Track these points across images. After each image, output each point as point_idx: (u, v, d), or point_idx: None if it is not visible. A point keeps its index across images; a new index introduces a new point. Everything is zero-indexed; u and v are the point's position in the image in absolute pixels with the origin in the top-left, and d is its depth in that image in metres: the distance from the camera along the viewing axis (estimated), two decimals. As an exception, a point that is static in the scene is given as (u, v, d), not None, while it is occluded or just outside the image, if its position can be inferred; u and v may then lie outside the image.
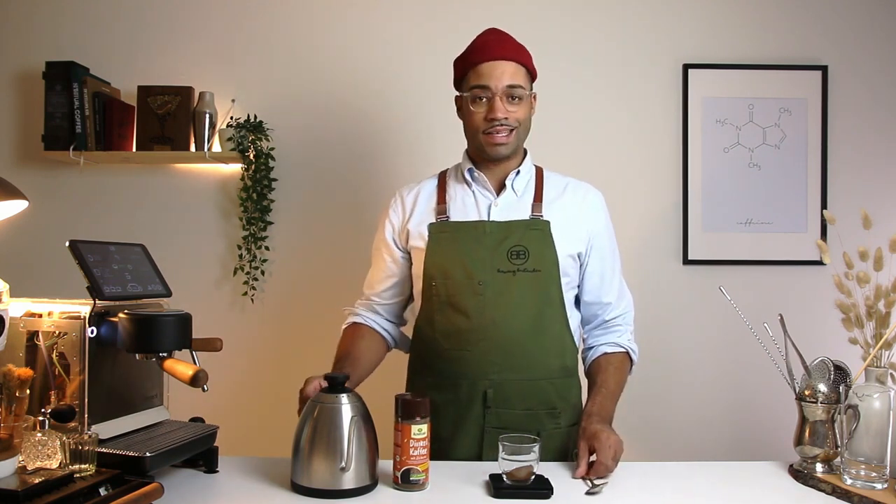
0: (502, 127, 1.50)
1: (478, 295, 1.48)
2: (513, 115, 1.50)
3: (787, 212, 2.47)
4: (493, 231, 1.51)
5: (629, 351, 1.57)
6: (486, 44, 1.52)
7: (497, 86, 1.48)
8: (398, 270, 1.62)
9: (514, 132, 1.51)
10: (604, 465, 1.30)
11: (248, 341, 2.50)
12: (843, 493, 1.23)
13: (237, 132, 2.39)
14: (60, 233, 2.44)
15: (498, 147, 1.52)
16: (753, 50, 2.48)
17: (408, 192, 1.64)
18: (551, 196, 1.57)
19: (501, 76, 1.48)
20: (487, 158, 1.56)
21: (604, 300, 1.58)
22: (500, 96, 1.48)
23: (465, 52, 1.56)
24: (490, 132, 1.50)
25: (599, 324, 1.60)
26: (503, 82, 1.48)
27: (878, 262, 1.35)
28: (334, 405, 1.21)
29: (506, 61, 1.49)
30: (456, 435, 1.50)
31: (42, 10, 2.54)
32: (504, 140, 1.51)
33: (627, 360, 1.57)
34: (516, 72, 1.50)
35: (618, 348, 1.56)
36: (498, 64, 1.49)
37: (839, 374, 1.36)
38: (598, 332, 1.60)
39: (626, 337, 1.59)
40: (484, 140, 1.52)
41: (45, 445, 1.08)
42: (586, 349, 1.61)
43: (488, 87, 1.49)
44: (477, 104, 1.51)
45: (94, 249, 1.26)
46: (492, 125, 1.50)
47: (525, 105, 1.52)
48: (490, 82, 1.48)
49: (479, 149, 1.55)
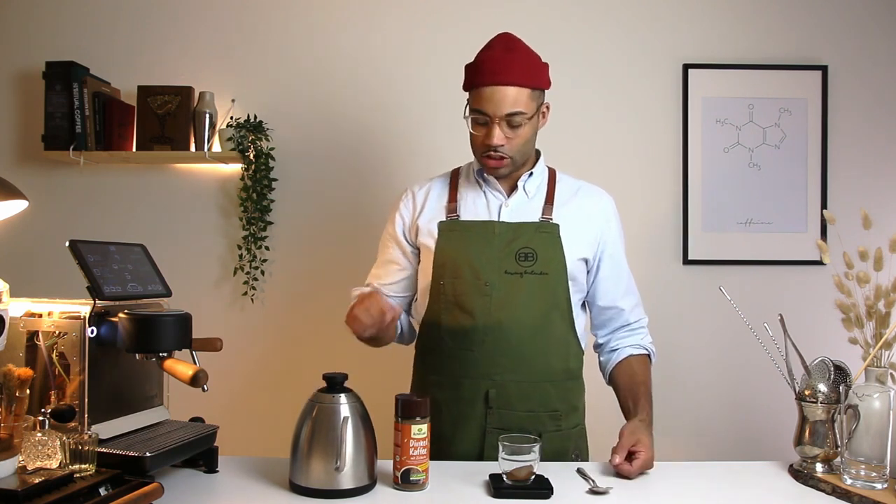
0: (497, 153, 1.48)
1: (485, 296, 1.48)
2: (511, 143, 1.48)
3: (787, 212, 2.47)
4: (503, 232, 1.51)
5: (651, 353, 1.61)
6: (492, 63, 1.47)
7: (496, 113, 1.45)
8: (407, 265, 1.62)
9: (510, 159, 1.50)
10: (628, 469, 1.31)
11: (248, 341, 2.50)
12: (843, 493, 1.23)
13: (237, 132, 2.39)
14: (60, 233, 2.43)
15: (495, 170, 1.53)
16: (753, 50, 2.48)
17: (419, 188, 1.64)
18: (563, 199, 1.57)
19: (500, 102, 1.45)
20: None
21: (620, 305, 1.59)
22: (498, 123, 1.46)
23: (474, 63, 1.51)
24: (487, 156, 1.50)
25: (618, 327, 1.61)
26: (502, 110, 1.45)
27: (878, 262, 1.35)
28: (332, 405, 1.21)
29: (507, 87, 1.45)
30: (457, 434, 1.50)
31: (42, 10, 2.54)
32: (499, 165, 1.51)
33: (649, 361, 1.61)
34: (518, 96, 1.45)
35: (642, 350, 1.59)
36: (498, 90, 1.44)
37: (839, 374, 1.36)
38: (621, 335, 1.60)
39: (649, 340, 1.62)
40: (482, 162, 1.53)
41: (45, 445, 1.08)
42: (608, 351, 1.61)
43: (487, 114, 1.47)
44: (477, 127, 1.50)
45: (94, 249, 1.26)
46: (488, 150, 1.49)
47: (527, 127, 1.49)
48: (489, 109, 1.46)
49: (481, 166, 1.56)
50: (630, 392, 1.52)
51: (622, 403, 1.53)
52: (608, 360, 1.60)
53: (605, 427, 1.57)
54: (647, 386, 1.52)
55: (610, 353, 1.60)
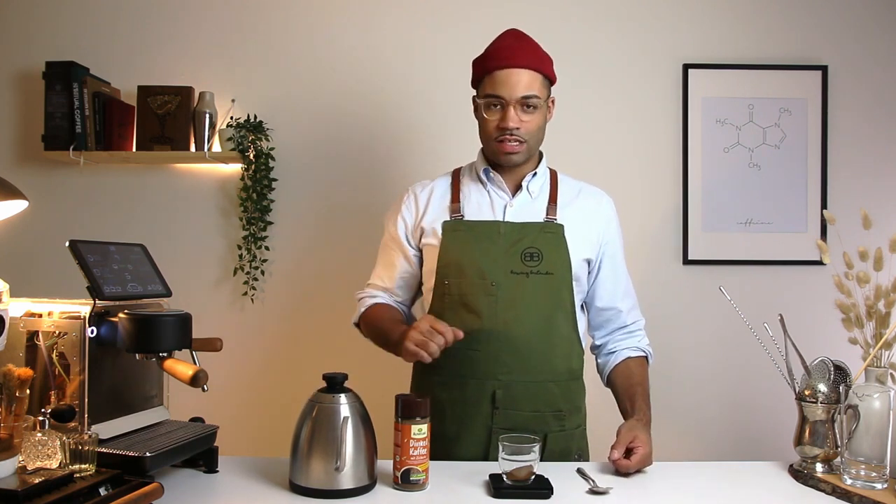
0: (513, 136, 1.49)
1: (491, 295, 1.48)
2: (525, 126, 1.49)
3: (787, 212, 2.47)
4: (508, 232, 1.51)
5: (648, 355, 1.61)
6: (504, 50, 1.49)
7: (511, 95, 1.46)
8: (410, 267, 1.62)
9: (525, 143, 1.51)
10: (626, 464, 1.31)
11: (248, 341, 2.50)
12: (843, 493, 1.23)
13: (237, 132, 2.39)
14: (60, 233, 2.43)
15: (510, 156, 1.52)
16: (753, 50, 2.48)
17: (421, 189, 1.63)
18: (565, 200, 1.57)
19: (516, 85, 1.46)
20: (500, 164, 1.56)
21: (618, 306, 1.60)
22: (513, 106, 1.47)
23: (484, 54, 1.54)
24: (502, 140, 1.50)
25: (616, 329, 1.61)
26: (517, 92, 1.46)
27: (878, 262, 1.35)
28: (332, 405, 1.21)
29: (522, 69, 1.47)
30: (461, 434, 1.50)
31: (42, 10, 2.54)
32: (515, 149, 1.51)
33: (647, 363, 1.61)
34: (532, 80, 1.47)
35: (640, 352, 1.60)
36: (513, 72, 1.46)
37: (839, 374, 1.36)
38: (619, 337, 1.61)
39: (646, 341, 1.62)
40: (497, 147, 1.52)
41: (45, 445, 1.08)
42: (606, 353, 1.61)
43: (502, 97, 1.47)
44: (491, 111, 1.50)
45: (94, 249, 1.26)
46: (503, 133, 1.49)
47: (539, 113, 1.50)
48: (504, 92, 1.47)
49: (493, 154, 1.56)
50: (628, 394, 1.52)
51: (620, 405, 1.54)
52: (605, 363, 1.61)
53: (605, 428, 1.57)
54: (644, 387, 1.53)
55: (608, 356, 1.61)
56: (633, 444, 1.33)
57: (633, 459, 1.31)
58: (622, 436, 1.36)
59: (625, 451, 1.33)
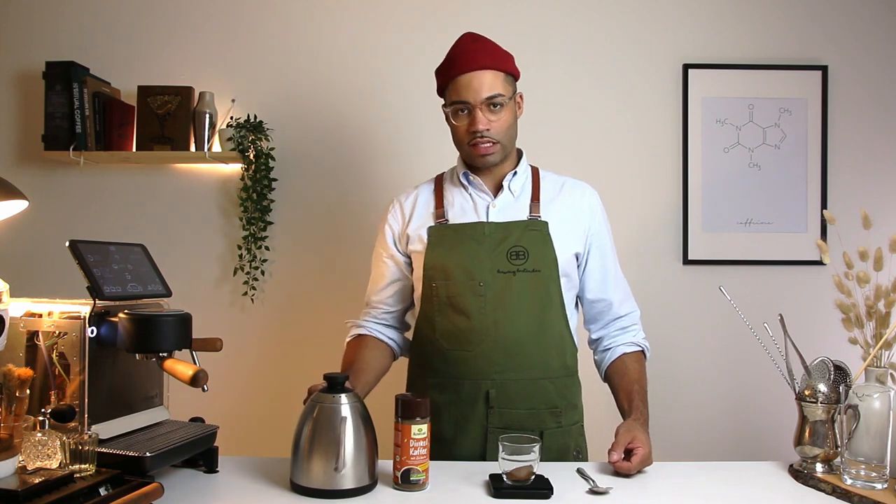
0: (485, 138, 1.50)
1: (479, 296, 1.48)
2: (495, 126, 1.50)
3: (787, 212, 2.47)
4: (492, 232, 1.52)
5: (644, 349, 1.60)
6: (462, 55, 1.51)
7: (476, 98, 1.48)
8: (401, 275, 1.63)
9: (498, 143, 1.51)
10: (627, 466, 1.31)
11: (248, 341, 2.50)
12: (843, 493, 1.23)
13: (237, 132, 2.39)
14: (60, 233, 2.44)
15: (485, 157, 1.53)
16: (753, 50, 2.49)
17: (405, 197, 1.65)
18: (548, 196, 1.57)
19: (479, 88, 1.47)
20: (478, 167, 1.57)
21: (608, 297, 1.59)
22: (479, 108, 1.48)
23: (443, 63, 1.55)
24: (475, 143, 1.51)
25: (609, 321, 1.61)
26: (482, 94, 1.47)
27: (878, 262, 1.35)
28: (333, 405, 1.21)
29: (483, 71, 1.48)
30: (458, 435, 1.50)
31: (42, 10, 2.54)
32: (489, 150, 1.51)
33: (643, 357, 1.60)
34: (494, 80, 1.49)
35: (635, 347, 1.59)
36: (475, 75, 1.48)
37: (839, 374, 1.36)
38: (614, 332, 1.60)
39: (641, 335, 1.61)
40: (471, 151, 1.53)
41: (45, 445, 1.08)
42: (602, 349, 1.61)
43: (467, 101, 1.48)
44: (459, 117, 1.52)
45: (94, 249, 1.26)
46: (474, 137, 1.50)
47: (507, 111, 1.51)
48: (468, 96, 1.48)
49: (469, 158, 1.57)
50: (625, 392, 1.52)
51: (618, 403, 1.54)
52: (602, 360, 1.61)
53: (604, 426, 1.58)
54: (641, 385, 1.52)
55: (604, 352, 1.60)
56: (631, 444, 1.33)
57: (633, 461, 1.31)
58: (620, 437, 1.35)
59: (624, 452, 1.33)
